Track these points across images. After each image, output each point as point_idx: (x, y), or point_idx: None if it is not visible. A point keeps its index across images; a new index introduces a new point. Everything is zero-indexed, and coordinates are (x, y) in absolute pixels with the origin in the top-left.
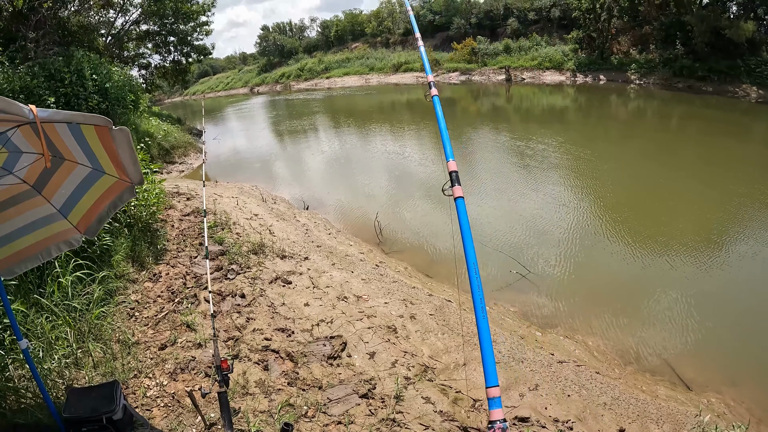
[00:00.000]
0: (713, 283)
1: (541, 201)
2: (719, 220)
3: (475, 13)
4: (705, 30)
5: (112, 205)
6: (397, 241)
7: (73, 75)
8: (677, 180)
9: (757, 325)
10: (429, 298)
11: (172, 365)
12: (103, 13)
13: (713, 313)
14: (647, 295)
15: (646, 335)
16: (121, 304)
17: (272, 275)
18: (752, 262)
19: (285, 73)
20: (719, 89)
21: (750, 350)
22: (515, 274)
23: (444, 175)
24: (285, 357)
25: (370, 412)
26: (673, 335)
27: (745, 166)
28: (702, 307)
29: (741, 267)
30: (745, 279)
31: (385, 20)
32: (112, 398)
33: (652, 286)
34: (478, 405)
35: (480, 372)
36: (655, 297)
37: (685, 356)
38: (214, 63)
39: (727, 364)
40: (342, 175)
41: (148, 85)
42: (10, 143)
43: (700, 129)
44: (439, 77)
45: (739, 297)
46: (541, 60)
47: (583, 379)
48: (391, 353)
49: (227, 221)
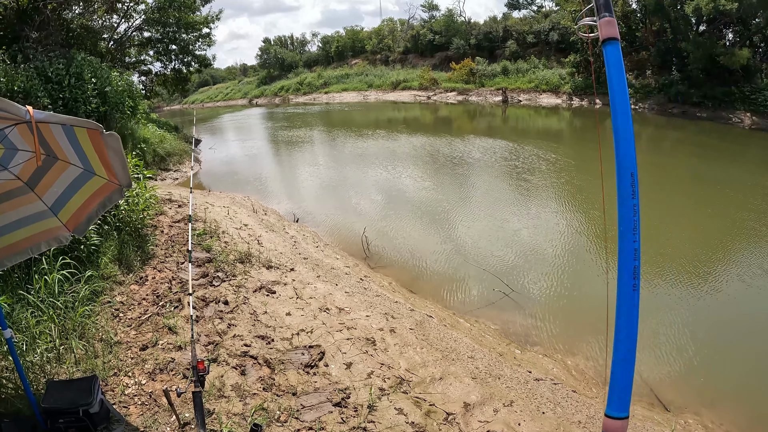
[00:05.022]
0: (695, 307)
1: (528, 221)
2: (702, 245)
3: (474, 34)
4: (701, 57)
5: (101, 206)
6: (384, 256)
7: (72, 78)
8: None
9: (737, 348)
10: (410, 313)
11: (152, 365)
12: (106, 17)
13: (694, 335)
14: None
15: None
16: (106, 305)
17: (257, 284)
18: (735, 286)
19: (284, 86)
20: (713, 115)
21: (730, 373)
22: (498, 292)
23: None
24: (263, 363)
25: (342, 420)
26: (654, 357)
27: (734, 191)
28: (683, 330)
29: (723, 291)
30: (727, 303)
31: (385, 38)
32: (90, 392)
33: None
34: (451, 418)
35: (456, 387)
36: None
37: (664, 378)
38: (215, 73)
39: (706, 386)
40: (333, 189)
41: (148, 92)
42: (7, 140)
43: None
44: (436, 96)
45: (720, 321)
46: (538, 82)
47: (559, 397)
48: (368, 364)
49: (216, 230)
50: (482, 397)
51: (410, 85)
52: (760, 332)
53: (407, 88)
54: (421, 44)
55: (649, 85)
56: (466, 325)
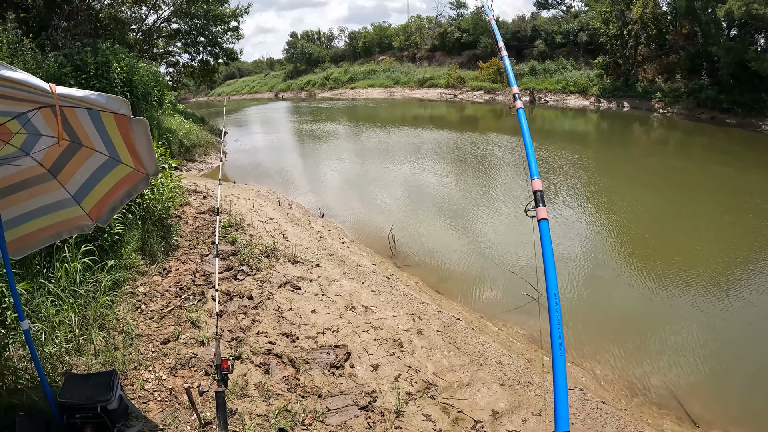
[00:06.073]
0: (731, 321)
1: (557, 225)
2: (739, 256)
3: (502, 33)
4: (731, 62)
5: (126, 195)
6: (410, 255)
7: (101, 67)
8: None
9: None
10: (437, 315)
11: (173, 360)
12: (135, 8)
13: (727, 351)
14: (660, 328)
15: (657, 368)
16: (128, 295)
17: (282, 279)
18: (758, 296)
19: (310, 80)
20: (742, 122)
21: (762, 391)
22: (526, 296)
23: (525, 196)
24: (287, 362)
25: (369, 425)
26: (684, 370)
27: None
28: (715, 345)
29: (759, 306)
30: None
31: (413, 35)
32: (108, 387)
33: (666, 320)
34: (479, 426)
35: (484, 393)
36: (668, 331)
37: (694, 392)
38: (241, 66)
39: (736, 403)
40: (358, 185)
41: (175, 83)
42: (30, 124)
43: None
44: (463, 95)
45: (755, 336)
46: (566, 83)
47: (588, 408)
48: (395, 367)
49: (241, 222)
50: (511, 405)
51: (437, 83)
52: None
53: (434, 85)
54: (448, 42)
55: (678, 90)
56: (493, 329)
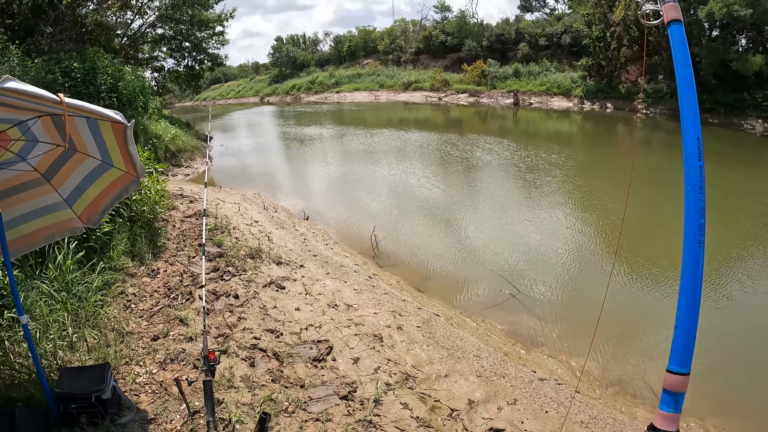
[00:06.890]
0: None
1: (537, 224)
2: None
3: (486, 36)
4: (713, 62)
5: (116, 197)
6: (392, 255)
7: (88, 73)
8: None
9: (748, 357)
10: (418, 311)
11: (163, 355)
12: (120, 14)
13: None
14: (636, 320)
15: (632, 359)
16: (119, 296)
17: (267, 279)
18: (749, 294)
19: (296, 84)
20: (725, 122)
21: (739, 382)
22: (505, 293)
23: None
24: (271, 356)
25: (348, 413)
26: (660, 361)
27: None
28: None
29: (737, 297)
30: (742, 310)
31: (397, 38)
32: (102, 379)
33: (642, 312)
34: (455, 414)
35: (461, 384)
36: (644, 323)
37: None
38: (227, 71)
39: (713, 393)
40: (343, 188)
41: (160, 88)
42: (30, 132)
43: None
44: (447, 97)
45: (732, 328)
46: (550, 85)
47: (563, 397)
48: (375, 360)
49: (227, 225)
50: (486, 395)
51: (422, 86)
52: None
53: (419, 89)
54: (433, 45)
55: (661, 90)
56: (472, 325)
